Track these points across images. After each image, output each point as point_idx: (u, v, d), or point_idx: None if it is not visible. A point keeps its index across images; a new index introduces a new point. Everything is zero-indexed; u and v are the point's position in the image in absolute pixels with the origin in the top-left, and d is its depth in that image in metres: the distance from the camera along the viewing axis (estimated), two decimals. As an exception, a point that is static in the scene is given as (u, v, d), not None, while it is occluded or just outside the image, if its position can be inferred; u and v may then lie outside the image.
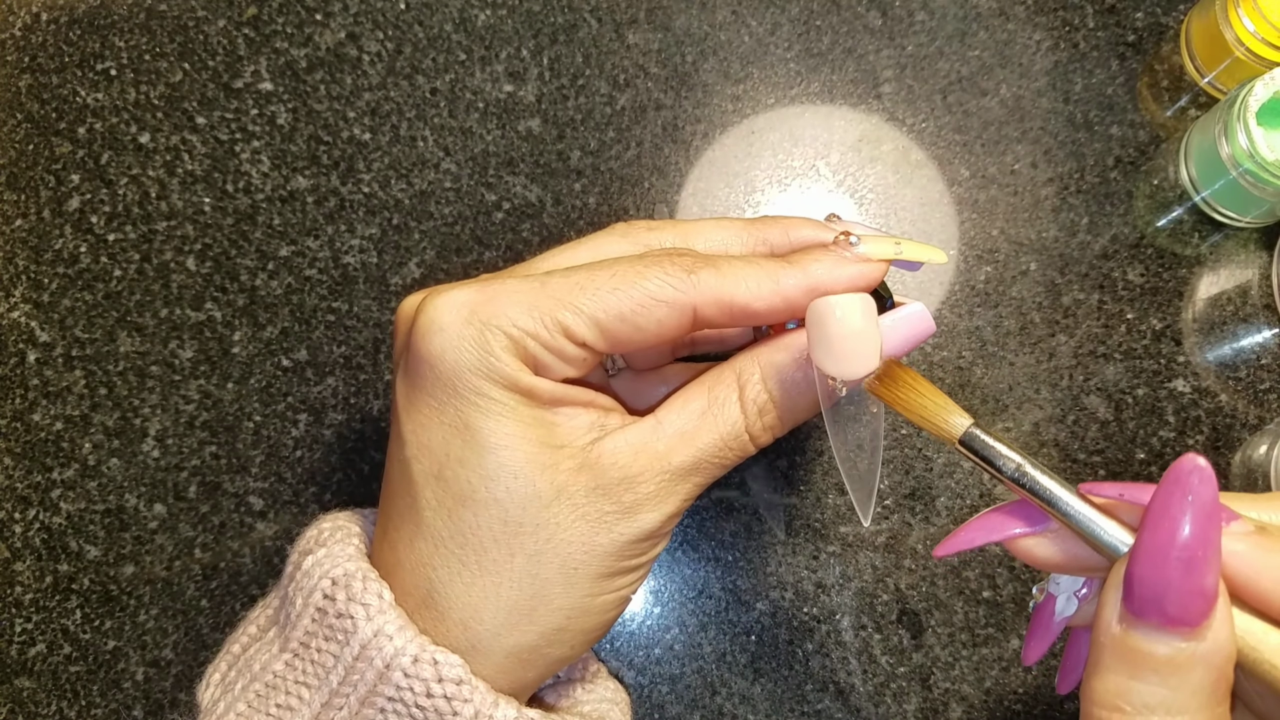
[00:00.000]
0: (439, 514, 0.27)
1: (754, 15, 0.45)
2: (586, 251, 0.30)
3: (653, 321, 0.28)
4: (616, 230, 0.31)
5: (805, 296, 0.28)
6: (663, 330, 0.28)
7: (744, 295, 0.28)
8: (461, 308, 0.27)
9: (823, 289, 0.28)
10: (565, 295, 0.27)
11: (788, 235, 0.31)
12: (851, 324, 0.27)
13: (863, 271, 0.29)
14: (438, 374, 0.27)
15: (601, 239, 0.31)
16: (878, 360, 0.27)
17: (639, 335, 0.28)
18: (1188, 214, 0.42)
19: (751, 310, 0.28)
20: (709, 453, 0.29)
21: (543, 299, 0.27)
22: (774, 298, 0.28)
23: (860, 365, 0.27)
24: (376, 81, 0.44)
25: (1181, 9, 0.44)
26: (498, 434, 0.27)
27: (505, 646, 0.28)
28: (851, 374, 0.27)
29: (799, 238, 0.31)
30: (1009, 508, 0.26)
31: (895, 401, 0.27)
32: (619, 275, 0.27)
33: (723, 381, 0.29)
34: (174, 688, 0.41)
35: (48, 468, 0.42)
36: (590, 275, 0.28)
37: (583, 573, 0.28)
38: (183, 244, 0.43)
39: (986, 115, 0.43)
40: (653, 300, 0.27)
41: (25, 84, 0.45)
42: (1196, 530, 0.21)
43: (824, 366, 0.27)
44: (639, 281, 0.27)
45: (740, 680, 0.40)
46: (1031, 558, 0.26)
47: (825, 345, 0.27)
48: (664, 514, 0.29)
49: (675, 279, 0.27)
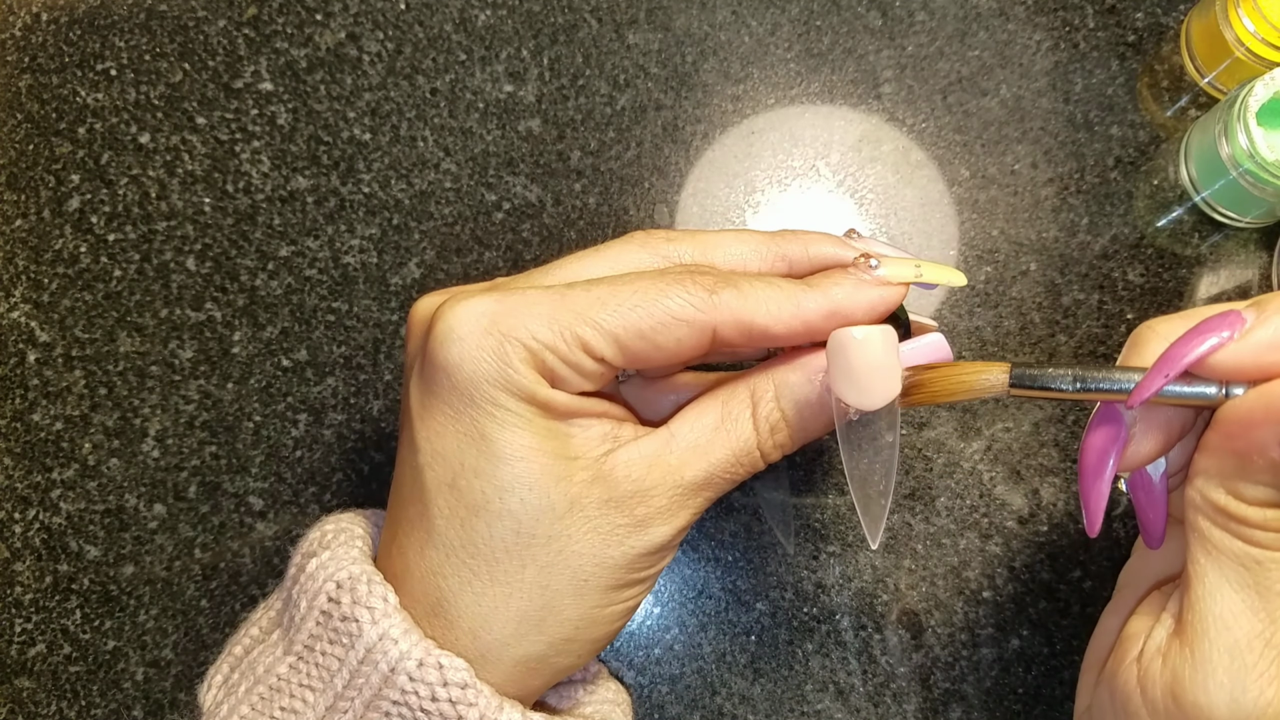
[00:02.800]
0: (451, 523, 0.27)
1: (754, 15, 0.44)
2: (605, 261, 0.30)
3: (672, 340, 0.27)
4: (635, 239, 0.30)
5: (825, 321, 0.28)
6: (681, 349, 0.28)
7: (764, 318, 0.28)
8: (481, 317, 0.27)
9: (843, 313, 0.28)
10: (586, 310, 0.27)
11: (807, 251, 0.31)
12: (873, 356, 0.27)
13: (883, 295, 0.29)
14: (454, 383, 0.27)
15: (619, 248, 0.30)
16: (898, 391, 0.27)
17: (658, 353, 0.28)
18: (1188, 214, 0.42)
19: (771, 333, 0.28)
20: (720, 468, 0.29)
21: (563, 312, 0.27)
22: (794, 321, 0.28)
23: (879, 396, 0.27)
24: (376, 81, 0.44)
25: (1181, 9, 0.44)
26: (513, 445, 0.27)
27: (514, 656, 0.28)
28: (871, 404, 0.27)
29: (818, 254, 0.31)
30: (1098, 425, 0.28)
31: (934, 399, 0.28)
32: (640, 292, 0.27)
33: (736, 397, 0.29)
34: (174, 688, 0.41)
35: (48, 468, 0.42)
36: (612, 290, 0.27)
37: (593, 584, 0.28)
38: (183, 244, 0.43)
39: (986, 115, 0.43)
40: (673, 319, 0.27)
41: (25, 84, 0.45)
42: None
43: (844, 396, 0.27)
44: (660, 300, 0.27)
45: (740, 680, 0.40)
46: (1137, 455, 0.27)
47: (846, 375, 0.27)
48: (675, 528, 0.29)
49: (697, 299, 0.27)
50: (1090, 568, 0.40)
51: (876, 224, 0.43)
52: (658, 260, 0.30)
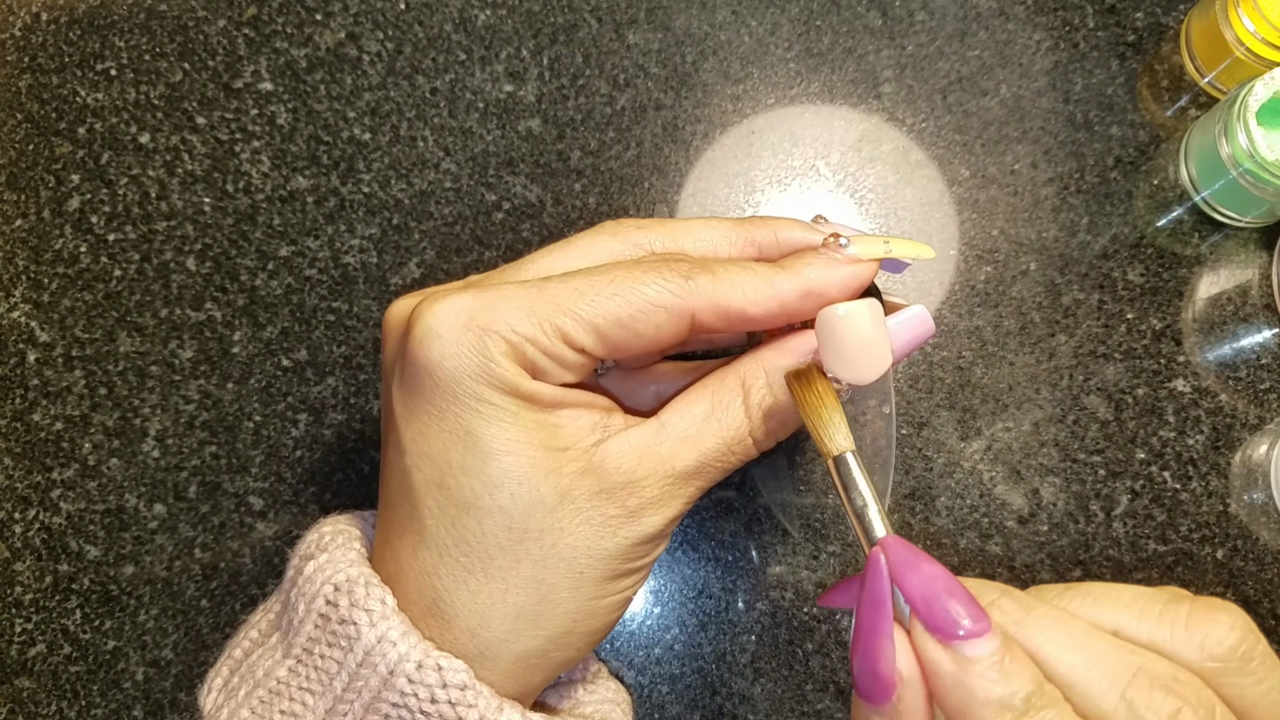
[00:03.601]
0: (442, 522, 0.27)
1: (754, 15, 0.44)
2: (576, 252, 0.30)
3: (651, 327, 0.28)
4: (606, 229, 0.31)
5: (801, 301, 0.29)
6: (660, 336, 0.28)
7: (741, 301, 0.28)
8: (459, 314, 0.27)
9: (817, 292, 0.29)
10: (564, 301, 0.27)
11: (776, 236, 0.31)
12: (862, 330, 0.27)
13: (855, 272, 0.29)
14: (436, 381, 0.27)
15: (591, 239, 0.31)
16: (889, 363, 0.28)
17: (637, 341, 0.28)
18: (1188, 214, 0.42)
19: (748, 316, 0.28)
20: (712, 456, 0.29)
21: (541, 304, 0.27)
22: (770, 303, 0.28)
23: (872, 370, 0.27)
24: (376, 81, 0.44)
25: (1181, 9, 0.44)
26: (500, 440, 0.27)
27: (513, 652, 0.28)
28: (864, 378, 0.27)
29: (787, 239, 0.31)
30: None
31: (801, 401, 0.28)
32: (617, 281, 0.27)
33: (726, 385, 0.29)
34: (174, 688, 0.41)
35: (48, 468, 0.42)
36: (589, 281, 0.28)
37: (588, 576, 0.28)
38: (183, 244, 0.43)
39: (986, 115, 0.43)
40: (651, 306, 0.27)
41: (25, 84, 0.45)
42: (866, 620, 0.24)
43: (836, 372, 0.27)
44: (637, 287, 0.27)
45: (740, 680, 0.40)
46: None
47: (837, 351, 0.27)
48: (667, 517, 0.29)
49: (673, 285, 0.28)
50: (1090, 568, 0.40)
51: (876, 224, 0.43)
52: (629, 249, 0.30)
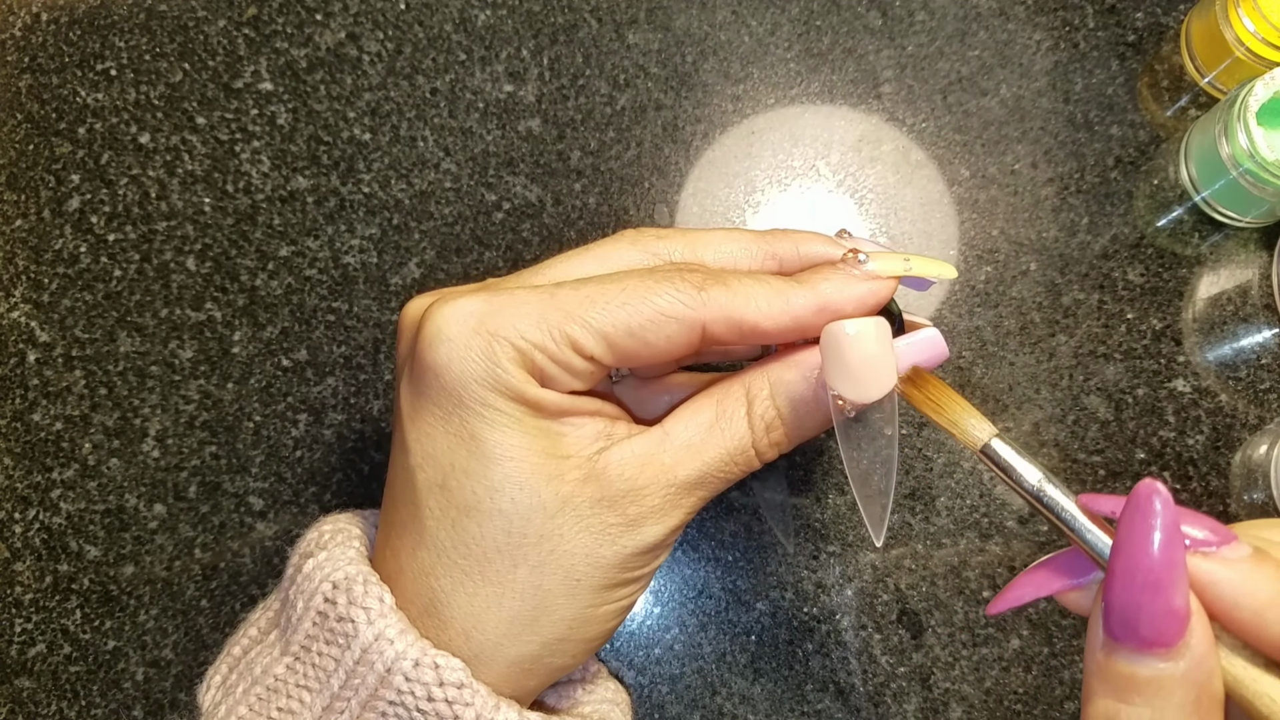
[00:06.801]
0: (442, 524, 0.27)
1: (754, 15, 0.44)
2: (594, 259, 0.30)
3: (661, 337, 0.27)
4: (625, 238, 0.30)
5: (815, 316, 0.28)
6: (671, 346, 0.28)
7: (753, 314, 0.28)
8: (469, 318, 0.27)
9: (833, 308, 0.28)
10: (574, 308, 0.27)
11: (798, 250, 0.30)
12: (867, 348, 0.27)
13: (872, 289, 0.29)
14: (443, 384, 0.27)
15: (609, 246, 0.30)
16: (893, 383, 0.27)
17: (647, 351, 0.28)
18: (1188, 214, 0.42)
19: (761, 329, 0.28)
20: (715, 467, 0.29)
21: (551, 311, 0.27)
22: (783, 317, 0.28)
23: (875, 389, 0.27)
24: (376, 81, 0.44)
25: (1181, 9, 0.44)
26: (503, 445, 0.27)
27: (508, 656, 0.28)
28: (866, 397, 0.27)
29: (809, 253, 0.30)
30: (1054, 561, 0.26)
31: (923, 404, 0.27)
32: (629, 290, 0.27)
33: (731, 395, 0.29)
34: (174, 688, 0.41)
35: (48, 468, 0.42)
36: (600, 289, 0.27)
37: (586, 584, 0.28)
38: (183, 244, 0.43)
39: (986, 115, 0.43)
40: (662, 316, 0.27)
41: (25, 84, 0.45)
42: (1161, 553, 0.22)
43: (839, 389, 0.27)
44: (649, 297, 0.27)
45: (740, 680, 0.40)
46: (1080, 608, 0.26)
47: (840, 368, 0.27)
48: (668, 527, 0.28)
49: (686, 295, 0.27)
50: (1090, 568, 0.40)
51: (876, 224, 0.43)
52: (647, 258, 0.30)
